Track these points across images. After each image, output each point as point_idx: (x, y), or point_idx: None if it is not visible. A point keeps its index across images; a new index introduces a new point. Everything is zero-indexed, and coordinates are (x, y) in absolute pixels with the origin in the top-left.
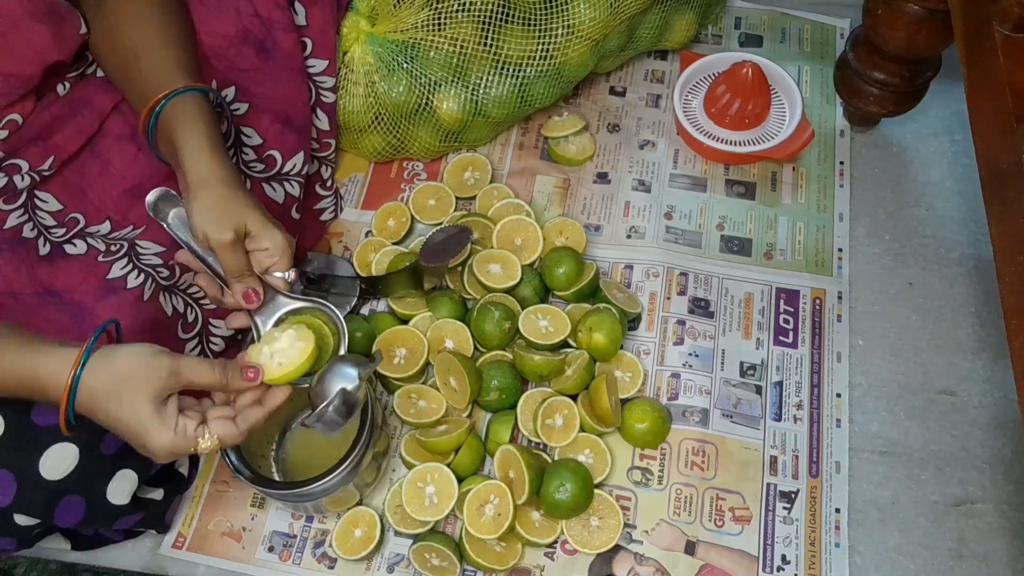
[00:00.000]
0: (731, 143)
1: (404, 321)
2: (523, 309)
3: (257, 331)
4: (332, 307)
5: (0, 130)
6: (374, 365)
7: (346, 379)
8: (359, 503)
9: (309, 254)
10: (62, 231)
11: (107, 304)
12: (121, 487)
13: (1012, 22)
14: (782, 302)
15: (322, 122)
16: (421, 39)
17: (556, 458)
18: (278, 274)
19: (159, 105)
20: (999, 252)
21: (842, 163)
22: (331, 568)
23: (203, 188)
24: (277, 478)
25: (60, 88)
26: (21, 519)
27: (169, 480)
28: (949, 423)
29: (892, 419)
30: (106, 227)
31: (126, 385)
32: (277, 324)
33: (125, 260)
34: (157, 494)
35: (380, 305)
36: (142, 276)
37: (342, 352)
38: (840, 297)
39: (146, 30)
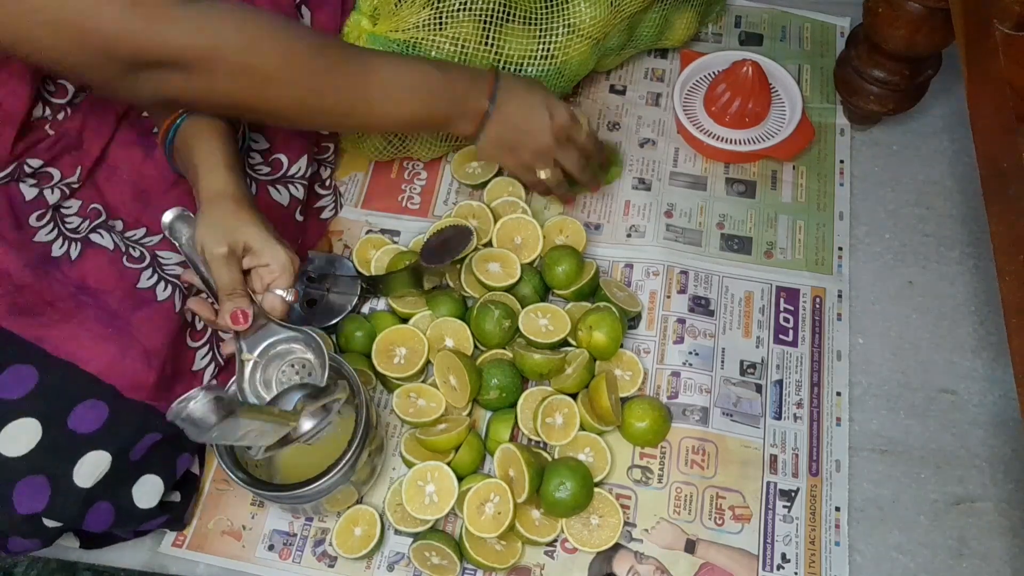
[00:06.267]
0: (731, 142)
1: (404, 320)
2: (523, 308)
3: (240, 355)
4: (317, 336)
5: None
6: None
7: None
8: (358, 501)
9: (310, 253)
10: (86, 224)
11: (142, 315)
12: (147, 491)
13: (1012, 20)
14: (782, 300)
15: None
16: (422, 38)
17: (556, 457)
18: (278, 291)
19: (178, 119)
20: (999, 251)
21: (842, 162)
22: (331, 567)
23: (211, 203)
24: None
25: (46, 111)
26: (50, 523)
27: (186, 482)
28: (949, 422)
29: (892, 418)
30: (119, 225)
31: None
32: (263, 352)
33: (151, 271)
34: (176, 496)
35: (380, 304)
36: (169, 288)
37: (323, 381)
38: (840, 296)
39: None
